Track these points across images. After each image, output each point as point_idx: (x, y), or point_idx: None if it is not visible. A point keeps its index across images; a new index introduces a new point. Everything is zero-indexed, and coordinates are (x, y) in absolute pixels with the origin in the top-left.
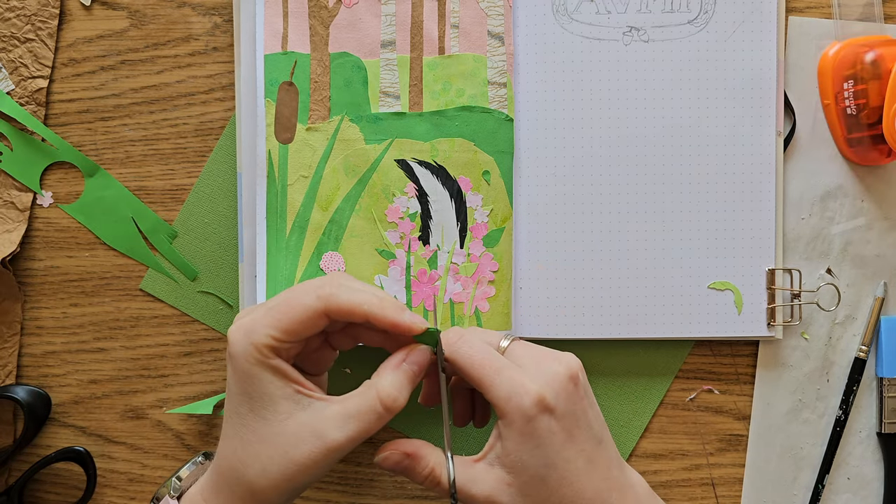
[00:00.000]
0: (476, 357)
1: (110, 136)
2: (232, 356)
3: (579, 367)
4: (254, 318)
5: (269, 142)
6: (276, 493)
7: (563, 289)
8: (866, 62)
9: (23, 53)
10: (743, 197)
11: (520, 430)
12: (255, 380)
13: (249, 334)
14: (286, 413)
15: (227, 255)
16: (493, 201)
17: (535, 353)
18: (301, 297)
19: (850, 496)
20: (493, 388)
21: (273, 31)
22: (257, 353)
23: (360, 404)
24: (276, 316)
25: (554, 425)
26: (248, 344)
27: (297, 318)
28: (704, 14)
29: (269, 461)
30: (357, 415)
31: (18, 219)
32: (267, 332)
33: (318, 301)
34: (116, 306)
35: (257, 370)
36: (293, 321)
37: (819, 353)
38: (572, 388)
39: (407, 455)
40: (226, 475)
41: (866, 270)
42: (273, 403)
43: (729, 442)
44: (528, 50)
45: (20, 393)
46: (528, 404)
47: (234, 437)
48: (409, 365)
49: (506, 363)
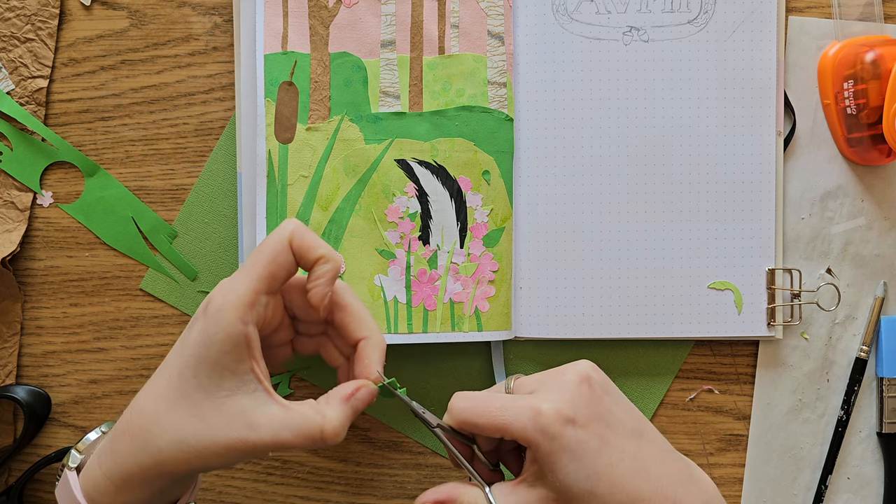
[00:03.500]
0: (479, 406)
1: (110, 136)
2: (209, 315)
3: (591, 368)
4: (234, 278)
5: (269, 142)
6: (182, 467)
7: (563, 289)
8: (866, 62)
9: (23, 53)
10: (743, 197)
11: (549, 450)
12: (219, 343)
13: (229, 294)
14: (229, 390)
15: (227, 255)
16: (493, 201)
17: (542, 376)
18: (267, 240)
19: (850, 496)
20: (509, 425)
21: (273, 31)
22: (238, 309)
23: (303, 423)
24: (251, 268)
25: (581, 434)
26: (231, 303)
27: (270, 259)
28: (704, 14)
29: (190, 434)
30: (296, 430)
31: (18, 219)
32: (249, 285)
33: (283, 236)
34: (116, 306)
35: (227, 335)
36: (269, 263)
37: (819, 353)
38: (587, 391)
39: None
40: (133, 436)
41: (866, 270)
42: (222, 375)
43: (729, 442)
44: (528, 50)
45: (20, 393)
46: (546, 423)
47: (162, 399)
48: (357, 401)
49: (511, 397)
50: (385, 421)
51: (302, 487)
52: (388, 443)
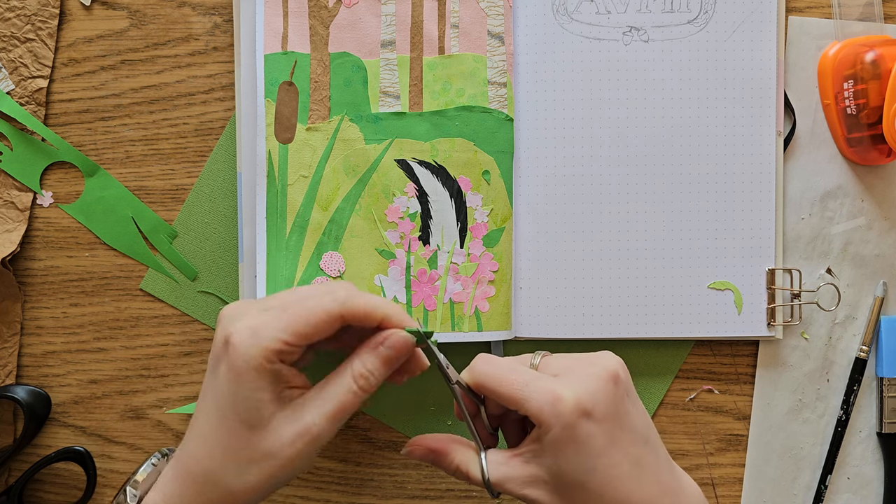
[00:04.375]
0: (501, 375)
1: (110, 136)
2: (233, 357)
3: (619, 365)
4: (264, 320)
5: (269, 142)
6: (256, 494)
7: (563, 289)
8: (866, 62)
9: (23, 53)
10: (743, 197)
11: (558, 437)
12: (250, 384)
13: (258, 336)
14: (271, 415)
15: (227, 255)
16: (493, 201)
17: (570, 360)
18: (317, 300)
19: (850, 496)
20: (525, 401)
21: (273, 31)
22: (264, 357)
23: (337, 387)
24: (290, 319)
25: (594, 429)
26: (256, 347)
27: (312, 322)
28: (704, 14)
29: (248, 463)
30: (334, 397)
31: (18, 219)
32: (278, 335)
33: (335, 304)
34: (116, 306)
35: (255, 375)
36: (308, 325)
37: (819, 353)
38: (612, 389)
39: (431, 451)
40: (197, 479)
41: (866, 270)
42: (261, 408)
43: (729, 442)
44: (528, 50)
45: (20, 393)
46: (563, 411)
47: (212, 441)
48: (386, 349)
49: (536, 375)
50: (385, 421)
51: (302, 487)
52: (388, 443)
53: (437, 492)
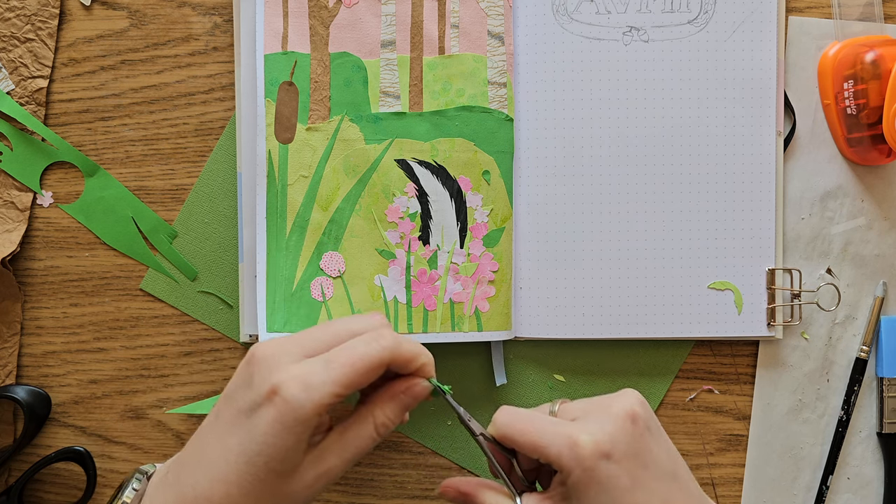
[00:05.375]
0: (520, 424)
1: (110, 136)
2: (283, 410)
3: (638, 403)
4: (313, 370)
5: (269, 142)
6: None
7: (563, 289)
8: (866, 62)
9: (23, 53)
10: (743, 197)
11: (579, 480)
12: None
13: (310, 390)
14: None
15: (227, 255)
16: (493, 201)
17: (588, 404)
18: (366, 348)
19: (850, 496)
20: (545, 448)
21: (273, 31)
22: (315, 412)
23: (358, 432)
24: (341, 370)
25: (614, 469)
26: (308, 402)
27: (362, 372)
28: (704, 14)
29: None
30: (355, 441)
31: (18, 219)
32: (331, 389)
33: (385, 352)
34: (116, 306)
35: (302, 429)
36: (359, 374)
37: (819, 353)
38: (630, 428)
39: (461, 493)
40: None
41: (866, 270)
42: (297, 458)
43: (729, 442)
44: (528, 50)
45: (20, 393)
46: (582, 454)
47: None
48: (408, 398)
49: (554, 421)
50: None
51: None
52: (388, 443)
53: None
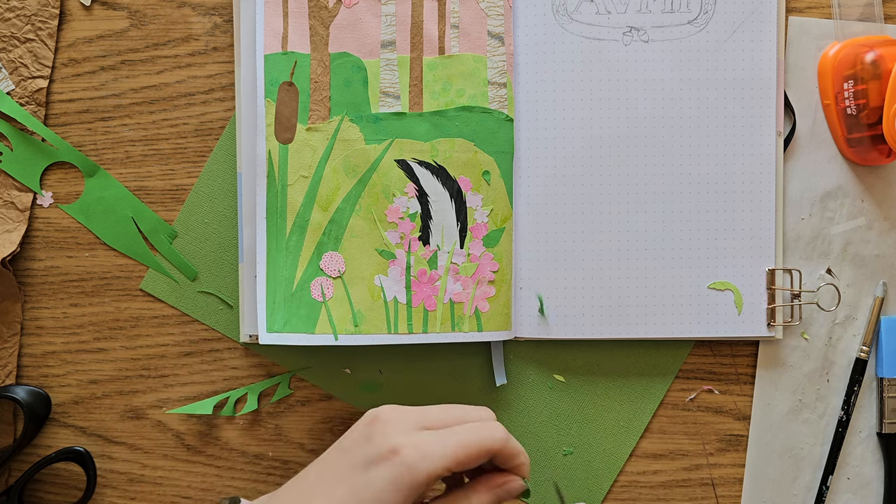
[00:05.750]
0: None
1: (110, 136)
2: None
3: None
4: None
5: (269, 142)
6: None
7: (564, 289)
8: (866, 62)
9: (23, 53)
10: (743, 197)
11: None
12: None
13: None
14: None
15: (227, 255)
16: (493, 201)
17: None
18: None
19: (850, 496)
20: None
21: (273, 31)
22: (426, 481)
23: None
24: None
25: None
26: (423, 469)
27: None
28: (704, 14)
29: None
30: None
31: (18, 219)
32: (444, 463)
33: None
34: (116, 306)
35: (413, 493)
36: (470, 456)
37: (819, 353)
38: None
39: None
40: None
41: (866, 270)
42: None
43: (729, 442)
44: (528, 50)
45: (20, 393)
46: None
47: None
48: (504, 492)
49: None
50: None
51: None
52: None
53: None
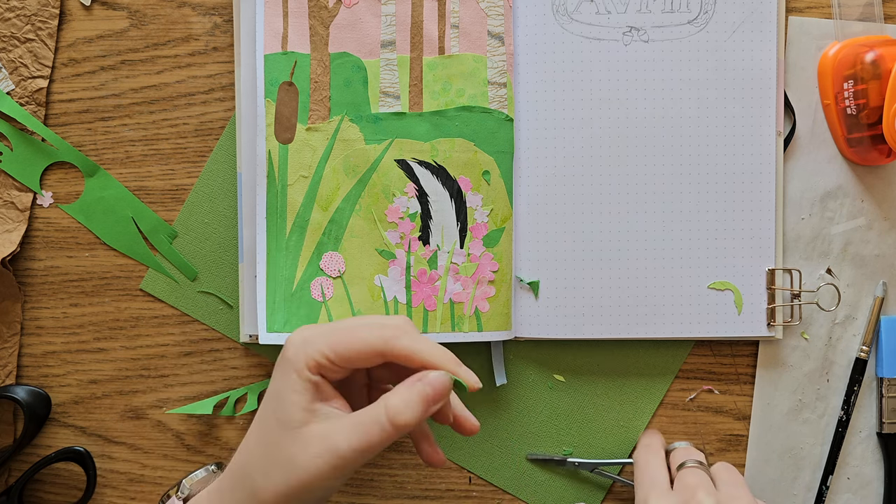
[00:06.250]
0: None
1: (110, 136)
2: (282, 359)
3: None
4: (316, 332)
5: (269, 142)
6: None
7: (563, 289)
8: (866, 62)
9: (23, 53)
10: (743, 197)
11: None
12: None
13: (306, 345)
14: (302, 422)
15: (227, 255)
16: (493, 201)
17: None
18: (364, 331)
19: (850, 496)
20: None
21: (273, 31)
22: (305, 364)
23: (368, 416)
24: (336, 338)
25: None
26: (302, 353)
27: (353, 348)
28: (704, 14)
29: (273, 465)
30: (363, 425)
31: (18, 219)
32: (322, 349)
33: (379, 340)
34: (116, 306)
35: (296, 377)
36: (349, 349)
37: (819, 353)
38: None
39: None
40: (235, 476)
41: (866, 270)
42: (294, 410)
43: (729, 442)
44: (528, 50)
45: (20, 393)
46: None
47: (252, 439)
48: (424, 385)
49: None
50: None
51: None
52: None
53: (436, 492)
